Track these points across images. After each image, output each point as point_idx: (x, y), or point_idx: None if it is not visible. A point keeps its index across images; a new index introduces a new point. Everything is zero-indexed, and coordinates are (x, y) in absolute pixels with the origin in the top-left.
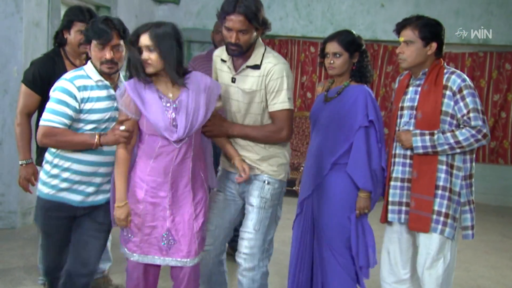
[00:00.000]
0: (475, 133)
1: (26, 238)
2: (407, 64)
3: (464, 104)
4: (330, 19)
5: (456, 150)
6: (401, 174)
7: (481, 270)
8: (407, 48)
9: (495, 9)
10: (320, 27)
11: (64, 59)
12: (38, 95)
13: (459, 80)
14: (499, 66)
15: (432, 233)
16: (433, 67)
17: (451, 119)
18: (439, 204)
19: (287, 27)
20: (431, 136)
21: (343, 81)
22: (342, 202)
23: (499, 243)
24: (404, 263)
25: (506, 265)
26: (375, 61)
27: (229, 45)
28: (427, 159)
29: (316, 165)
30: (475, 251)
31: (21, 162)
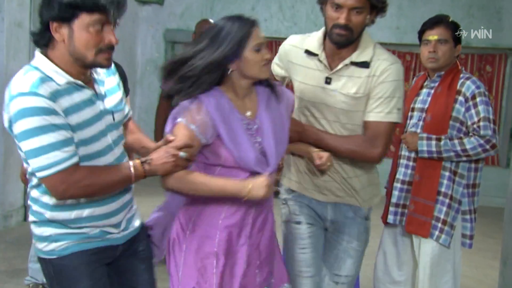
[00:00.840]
0: (484, 143)
1: (8, 241)
2: (439, 64)
3: (476, 111)
4: (314, 20)
5: (462, 158)
6: (403, 176)
7: (464, 269)
8: (441, 46)
9: (476, 12)
10: (304, 29)
11: None
12: None
13: (474, 86)
14: (480, 68)
15: (430, 239)
16: (451, 70)
17: (460, 125)
18: (439, 210)
19: (271, 29)
20: (437, 141)
21: None
22: None
23: (481, 243)
24: (400, 265)
25: (488, 264)
26: None
27: (334, 29)
28: (431, 163)
29: None
30: None
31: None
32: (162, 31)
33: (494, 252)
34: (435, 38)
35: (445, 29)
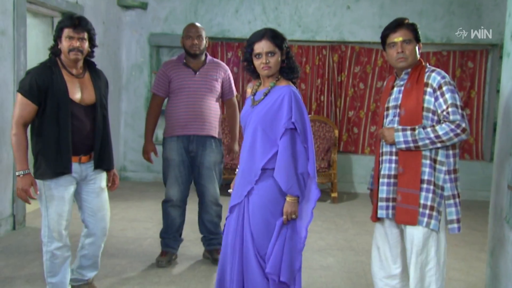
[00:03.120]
0: (454, 128)
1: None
2: (408, 63)
3: (444, 100)
4: (298, 21)
5: (437, 144)
6: (388, 171)
7: (451, 262)
8: (407, 46)
9: (456, 9)
10: (288, 30)
11: (61, 68)
12: (35, 105)
13: (439, 77)
14: (462, 64)
15: (417, 226)
16: (416, 67)
17: (432, 115)
18: (425, 197)
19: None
20: (412, 131)
21: (270, 81)
22: (272, 209)
23: (467, 236)
24: (394, 258)
25: (475, 257)
26: (343, 62)
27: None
28: (412, 154)
29: (247, 171)
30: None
31: (18, 173)
32: (147, 36)
33: (480, 245)
34: (400, 39)
35: (407, 30)
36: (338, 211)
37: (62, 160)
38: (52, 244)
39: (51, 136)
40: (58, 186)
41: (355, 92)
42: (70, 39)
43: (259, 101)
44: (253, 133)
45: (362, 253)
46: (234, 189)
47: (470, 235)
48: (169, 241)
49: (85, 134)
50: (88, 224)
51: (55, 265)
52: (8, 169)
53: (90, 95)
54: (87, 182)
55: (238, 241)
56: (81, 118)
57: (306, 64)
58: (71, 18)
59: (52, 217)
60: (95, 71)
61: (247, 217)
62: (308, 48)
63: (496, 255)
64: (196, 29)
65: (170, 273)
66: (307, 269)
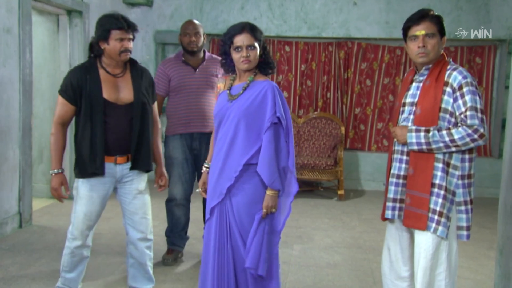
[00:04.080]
0: (472, 133)
1: (4, 249)
2: (430, 58)
3: (463, 101)
4: (304, 18)
5: (451, 148)
6: (397, 170)
7: (460, 260)
8: (429, 41)
9: (464, 4)
10: (294, 26)
11: (99, 69)
12: (71, 105)
13: (460, 76)
14: (469, 60)
15: (426, 232)
16: (438, 62)
17: (450, 116)
18: (435, 202)
19: (261, 27)
20: (426, 133)
21: (247, 76)
22: (259, 206)
23: (476, 234)
24: (405, 260)
25: (483, 254)
26: (350, 59)
27: None
28: (424, 156)
29: (227, 167)
30: None
31: (52, 172)
32: (152, 33)
33: (489, 242)
34: (423, 33)
35: (431, 23)
36: (344, 208)
37: (95, 161)
38: (73, 241)
39: (85, 136)
40: (89, 186)
41: (361, 89)
42: (121, 40)
43: (238, 95)
44: (235, 127)
45: (369, 251)
46: (210, 189)
47: (479, 232)
48: (175, 239)
49: (121, 134)
50: (128, 228)
51: (72, 262)
52: (14, 168)
53: (128, 94)
54: (123, 184)
55: (225, 241)
56: (117, 117)
57: (312, 60)
58: (118, 19)
59: (78, 215)
60: (136, 69)
61: (231, 215)
62: (314, 45)
63: (506, 253)
64: (194, 26)
65: (176, 271)
66: (313, 267)
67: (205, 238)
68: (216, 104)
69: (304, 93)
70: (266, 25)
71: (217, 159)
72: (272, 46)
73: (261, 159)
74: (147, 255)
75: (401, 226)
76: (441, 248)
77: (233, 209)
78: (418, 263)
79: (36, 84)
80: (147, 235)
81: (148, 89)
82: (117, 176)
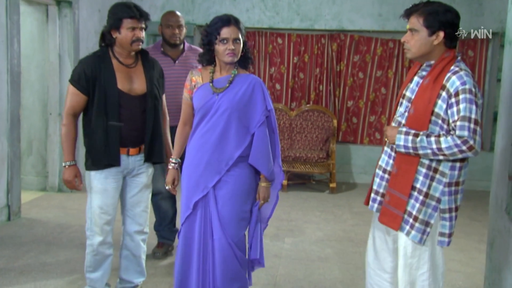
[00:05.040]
0: (460, 144)
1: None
2: (412, 55)
3: (457, 110)
4: (296, 9)
5: (439, 156)
6: (385, 164)
7: (451, 253)
8: (411, 37)
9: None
10: (286, 18)
11: (112, 59)
12: (84, 95)
13: (459, 82)
14: (462, 53)
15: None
16: (441, 60)
17: (442, 122)
18: (412, 205)
19: (253, 19)
20: (414, 137)
21: (230, 69)
22: (246, 194)
23: (467, 227)
24: (390, 251)
25: (474, 247)
26: (342, 51)
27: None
28: (409, 158)
29: (215, 161)
30: None
31: (64, 164)
32: None
33: (480, 235)
34: (407, 27)
35: (416, 18)
36: (336, 201)
37: (110, 152)
38: (94, 238)
39: (100, 127)
40: (104, 178)
41: (354, 82)
42: (133, 29)
43: (223, 88)
44: (226, 120)
45: (361, 244)
46: (192, 183)
47: (470, 225)
48: (164, 232)
49: (134, 125)
50: (125, 219)
51: (96, 260)
52: (2, 160)
53: (141, 85)
54: (133, 177)
55: (209, 235)
56: (131, 108)
57: (305, 53)
58: (130, 7)
59: (94, 210)
60: (148, 60)
61: (213, 208)
62: (306, 37)
63: (496, 247)
64: (177, 18)
65: (166, 264)
66: (304, 260)
67: (185, 234)
68: (197, 97)
69: (296, 85)
70: (258, 17)
71: (201, 153)
72: (265, 38)
73: (258, 152)
74: (142, 247)
75: None
76: (423, 248)
77: (218, 200)
78: (399, 261)
79: (25, 75)
80: (144, 228)
81: (159, 81)
82: (129, 167)
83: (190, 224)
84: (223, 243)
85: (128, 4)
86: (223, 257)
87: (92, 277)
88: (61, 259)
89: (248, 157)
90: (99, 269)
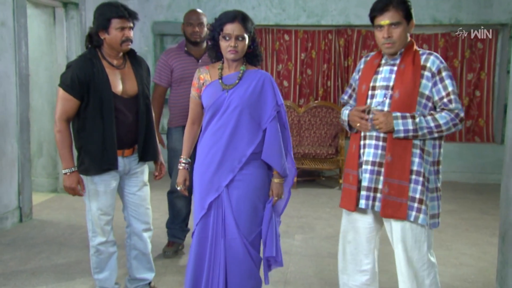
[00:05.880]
0: (454, 117)
1: (4, 244)
2: (396, 48)
3: (443, 86)
4: (303, 6)
5: (434, 134)
6: (372, 157)
7: (462, 247)
8: (395, 30)
9: None
10: (293, 15)
11: (102, 60)
12: (77, 100)
13: (438, 61)
14: (471, 45)
15: (404, 222)
16: (410, 46)
17: (426, 101)
18: (413, 189)
19: (260, 16)
20: (413, 119)
21: (238, 66)
22: (260, 192)
23: (479, 220)
24: (369, 252)
25: (486, 241)
26: (350, 46)
27: None
28: (402, 142)
29: (228, 159)
30: (456, 229)
31: (64, 171)
32: (150, 24)
33: (492, 229)
34: (387, 22)
35: (395, 11)
36: None
37: (108, 156)
38: (96, 239)
39: (95, 131)
40: (101, 181)
41: None
42: (122, 29)
43: (233, 84)
44: (237, 117)
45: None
46: (204, 183)
47: (482, 219)
48: (176, 231)
49: (128, 127)
50: (131, 220)
51: (101, 260)
52: (13, 162)
53: (132, 86)
54: (130, 176)
55: (220, 235)
56: (124, 111)
57: (312, 49)
58: (118, 7)
59: (93, 212)
60: (135, 58)
61: (228, 206)
62: (313, 33)
63: (508, 240)
64: (197, 15)
65: (176, 263)
66: (315, 257)
67: (199, 234)
68: (207, 94)
69: (304, 82)
70: (264, 14)
71: (214, 152)
72: (271, 35)
73: (270, 148)
74: (149, 245)
75: (363, 216)
76: (422, 240)
77: (232, 199)
78: (399, 256)
79: (33, 77)
80: (150, 226)
81: (147, 79)
82: (126, 168)
83: (205, 224)
84: (238, 243)
85: (115, 4)
86: (238, 257)
87: (100, 277)
88: (72, 260)
89: (261, 153)
90: (106, 269)
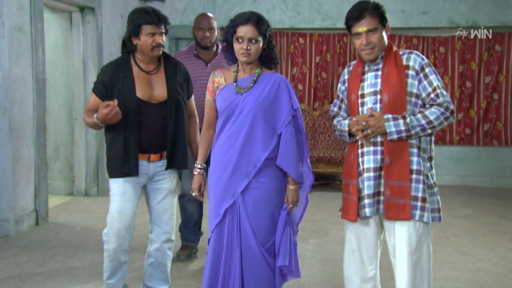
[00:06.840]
0: (444, 111)
1: (20, 246)
2: (376, 54)
3: (428, 82)
4: (318, 9)
5: (427, 131)
6: (373, 163)
7: (480, 253)
8: (373, 36)
9: None
10: (307, 18)
11: (133, 66)
12: (99, 99)
13: (419, 59)
14: (489, 47)
15: (409, 222)
16: (389, 49)
17: (416, 99)
18: (415, 189)
19: (274, 19)
20: (404, 119)
21: (253, 69)
22: (277, 199)
23: (497, 225)
24: (371, 259)
25: (504, 246)
26: None
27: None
28: (399, 143)
29: (243, 164)
30: (473, 234)
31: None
32: None
33: (510, 234)
34: (365, 29)
35: (371, 17)
36: None
37: (129, 162)
38: (109, 243)
39: (118, 135)
40: (123, 182)
41: None
42: (152, 35)
43: (248, 88)
44: (251, 121)
45: (385, 244)
46: (219, 189)
47: (500, 224)
48: (189, 235)
49: (155, 132)
50: (153, 227)
51: (112, 266)
52: (30, 165)
53: (162, 92)
54: (154, 182)
55: (235, 243)
56: (151, 116)
57: (327, 52)
58: (149, 13)
59: (112, 213)
60: (170, 64)
61: (244, 214)
62: (328, 36)
63: None
64: (208, 20)
65: (190, 267)
66: (329, 261)
67: (215, 241)
68: (221, 98)
69: (319, 85)
70: (279, 17)
71: (228, 157)
72: (286, 39)
73: (285, 153)
74: (168, 255)
75: (366, 223)
76: (422, 240)
77: (248, 207)
78: (402, 258)
79: (50, 81)
80: (172, 236)
81: (182, 85)
82: (150, 173)
83: (220, 231)
84: (255, 251)
85: (146, 10)
86: (255, 265)
87: (109, 283)
88: (87, 263)
89: (276, 159)
90: (115, 276)
